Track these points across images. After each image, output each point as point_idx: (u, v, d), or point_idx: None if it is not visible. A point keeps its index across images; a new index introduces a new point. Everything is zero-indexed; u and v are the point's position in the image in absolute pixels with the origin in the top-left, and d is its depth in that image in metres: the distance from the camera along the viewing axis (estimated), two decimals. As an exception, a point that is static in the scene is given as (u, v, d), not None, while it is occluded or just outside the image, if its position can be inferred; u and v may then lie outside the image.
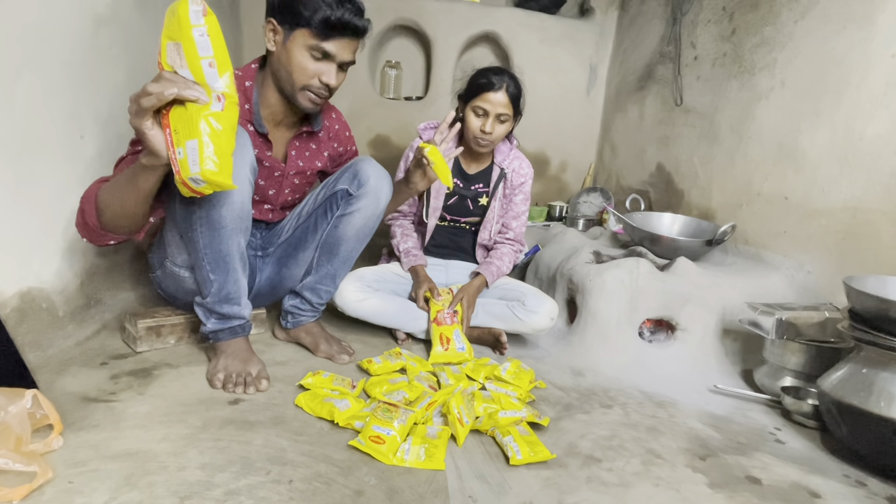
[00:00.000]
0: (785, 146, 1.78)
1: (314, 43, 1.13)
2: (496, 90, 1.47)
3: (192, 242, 1.11)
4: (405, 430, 0.99)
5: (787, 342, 1.40)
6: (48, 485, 0.77)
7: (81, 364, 1.18)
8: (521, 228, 1.71)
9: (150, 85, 0.84)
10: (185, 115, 0.85)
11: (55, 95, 1.20)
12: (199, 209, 1.07)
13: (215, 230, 1.09)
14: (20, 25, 1.09)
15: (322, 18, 1.10)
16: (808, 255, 1.69)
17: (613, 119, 2.96)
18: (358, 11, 1.15)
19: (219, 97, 0.86)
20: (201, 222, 1.08)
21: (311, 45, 1.13)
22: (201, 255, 1.11)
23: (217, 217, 1.08)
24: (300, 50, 1.14)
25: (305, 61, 1.14)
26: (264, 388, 1.15)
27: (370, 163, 1.31)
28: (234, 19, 2.50)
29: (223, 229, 1.10)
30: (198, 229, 1.08)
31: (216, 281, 1.14)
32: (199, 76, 0.85)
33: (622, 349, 1.59)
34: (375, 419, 0.99)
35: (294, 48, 1.14)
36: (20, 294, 1.13)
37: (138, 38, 1.52)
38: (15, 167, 1.10)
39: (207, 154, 0.84)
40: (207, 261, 1.12)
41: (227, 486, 0.82)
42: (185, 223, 1.09)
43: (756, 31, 1.93)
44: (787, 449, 1.18)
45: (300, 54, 1.14)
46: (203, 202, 1.06)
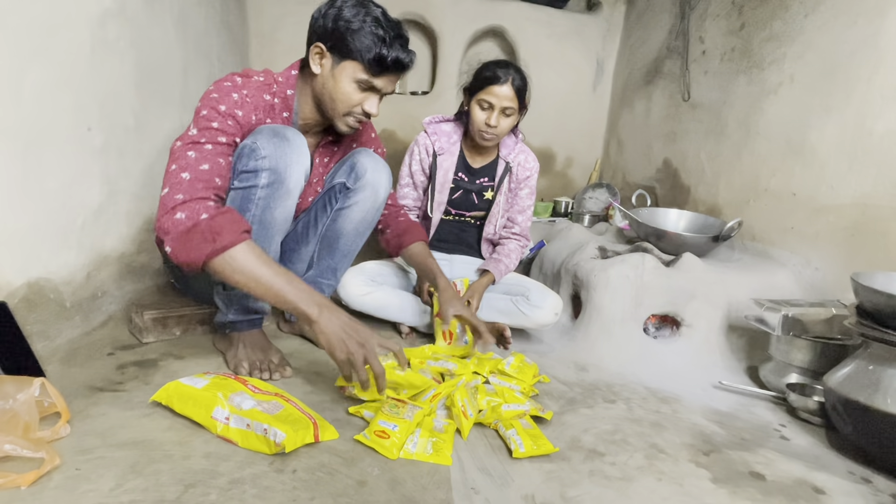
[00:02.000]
0: (793, 142, 1.77)
1: (364, 78, 1.12)
2: (502, 83, 1.47)
3: None
4: (411, 426, 0.98)
5: (793, 339, 1.39)
6: (56, 471, 0.78)
7: (88, 354, 1.20)
8: (527, 223, 1.71)
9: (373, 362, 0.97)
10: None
11: (62, 88, 1.21)
12: (255, 208, 1.09)
13: (265, 228, 1.12)
14: (28, 18, 1.09)
15: (375, 57, 1.09)
16: (815, 251, 1.68)
17: (620, 114, 2.94)
18: (406, 46, 1.14)
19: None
20: (254, 220, 1.10)
21: (360, 79, 1.12)
22: None
23: (270, 218, 1.11)
24: (348, 81, 1.13)
25: (352, 92, 1.14)
26: (289, 374, 1.19)
27: (367, 154, 1.31)
28: (240, 14, 2.50)
29: (272, 229, 1.13)
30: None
31: None
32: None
33: (626, 344, 1.59)
34: (382, 414, 0.99)
35: (342, 77, 1.13)
36: (28, 284, 1.14)
37: (145, 31, 1.53)
38: (23, 159, 1.10)
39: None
40: None
41: (232, 475, 0.82)
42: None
43: (765, 26, 1.91)
44: (792, 445, 1.17)
45: (347, 85, 1.13)
46: (259, 203, 1.09)
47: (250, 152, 1.07)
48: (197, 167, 1.01)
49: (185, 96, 1.79)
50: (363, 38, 1.09)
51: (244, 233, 0.97)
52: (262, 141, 1.07)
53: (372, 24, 1.09)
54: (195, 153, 1.03)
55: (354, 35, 1.09)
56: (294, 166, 1.09)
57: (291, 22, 2.63)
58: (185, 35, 1.79)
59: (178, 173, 1.00)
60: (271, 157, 1.07)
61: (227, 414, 0.91)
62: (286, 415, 0.92)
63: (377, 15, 1.11)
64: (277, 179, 1.09)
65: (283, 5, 2.63)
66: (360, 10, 1.10)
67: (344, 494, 0.82)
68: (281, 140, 1.08)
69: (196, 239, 0.94)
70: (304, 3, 2.66)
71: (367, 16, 1.10)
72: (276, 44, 2.63)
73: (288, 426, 0.88)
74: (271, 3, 2.62)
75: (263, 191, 1.09)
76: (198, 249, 0.94)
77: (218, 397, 0.93)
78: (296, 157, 1.09)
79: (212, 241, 0.94)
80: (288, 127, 1.12)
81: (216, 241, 0.94)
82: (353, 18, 1.09)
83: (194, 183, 0.99)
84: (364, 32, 1.09)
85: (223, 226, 0.95)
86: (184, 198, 0.97)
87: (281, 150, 1.07)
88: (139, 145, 1.53)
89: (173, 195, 0.98)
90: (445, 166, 1.61)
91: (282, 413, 0.92)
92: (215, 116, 1.06)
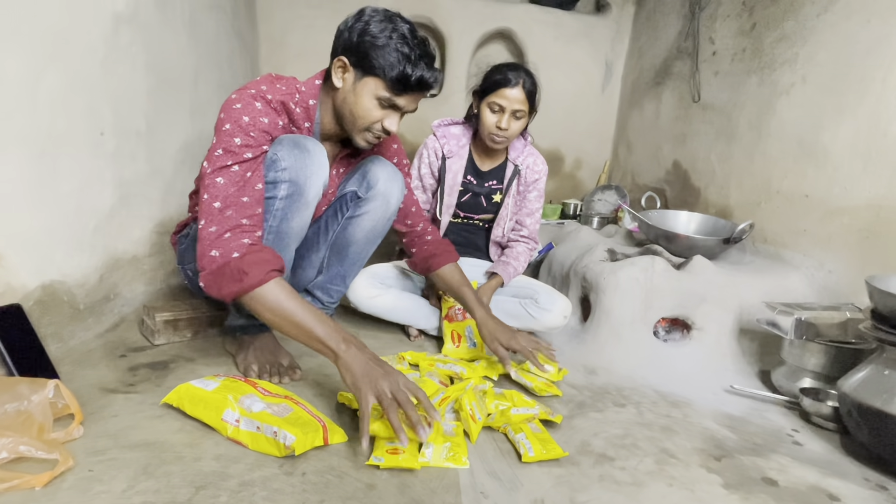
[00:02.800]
0: (806, 143, 1.75)
1: (386, 95, 1.09)
2: (512, 86, 1.46)
3: None
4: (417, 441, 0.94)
5: (806, 343, 1.38)
6: (69, 472, 0.79)
7: (101, 356, 1.21)
8: (536, 226, 1.70)
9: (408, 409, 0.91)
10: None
11: (76, 93, 1.22)
12: (272, 219, 1.09)
13: (281, 238, 1.12)
14: (43, 26, 1.11)
15: (399, 76, 1.06)
16: (829, 254, 1.65)
17: (629, 116, 2.93)
18: (431, 64, 1.11)
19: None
20: (270, 230, 1.10)
21: (382, 96, 1.09)
22: None
23: (286, 229, 1.12)
24: (369, 97, 1.09)
25: (372, 108, 1.11)
26: (298, 377, 1.19)
27: (380, 164, 1.29)
28: (250, 19, 2.53)
29: (288, 238, 1.13)
30: (266, 235, 1.10)
31: None
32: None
33: (636, 348, 1.58)
34: (389, 430, 0.94)
35: (364, 93, 1.09)
36: (42, 287, 1.16)
37: (157, 36, 1.55)
38: (38, 163, 1.12)
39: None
40: None
41: (242, 478, 0.83)
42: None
43: (777, 26, 1.89)
44: (806, 451, 1.15)
45: (369, 101, 1.10)
46: (277, 214, 1.09)
47: (271, 164, 1.06)
48: (225, 193, 1.00)
49: (196, 100, 1.81)
50: (388, 55, 1.05)
51: (272, 271, 0.98)
52: (283, 152, 1.06)
53: (398, 42, 1.05)
54: (223, 178, 1.01)
55: (379, 51, 1.05)
56: (313, 178, 1.09)
57: (301, 26, 2.65)
58: (196, 40, 1.81)
59: (210, 203, 1.00)
60: (291, 169, 1.06)
61: (237, 416, 0.91)
62: (296, 417, 0.93)
63: (404, 32, 1.07)
64: (297, 191, 1.08)
65: (292, 10, 2.65)
66: (388, 26, 1.06)
67: (353, 497, 0.82)
68: (301, 152, 1.07)
69: (226, 278, 0.97)
70: (314, 8, 2.69)
71: (393, 32, 1.06)
72: (285, 48, 2.66)
73: (297, 429, 0.88)
74: (281, 8, 2.65)
75: (282, 202, 1.09)
76: (227, 288, 0.97)
77: (228, 400, 0.93)
78: (315, 168, 1.09)
79: (239, 281, 0.96)
80: (309, 138, 1.11)
81: (243, 280, 0.96)
82: (379, 34, 1.05)
83: (224, 211, 0.99)
84: (389, 49, 1.05)
85: (252, 265, 0.97)
86: (217, 230, 0.98)
87: (301, 161, 1.07)
88: (150, 149, 1.55)
89: (208, 228, 0.99)
90: (454, 169, 1.61)
91: (291, 416, 0.93)
92: (238, 131, 1.03)
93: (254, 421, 0.90)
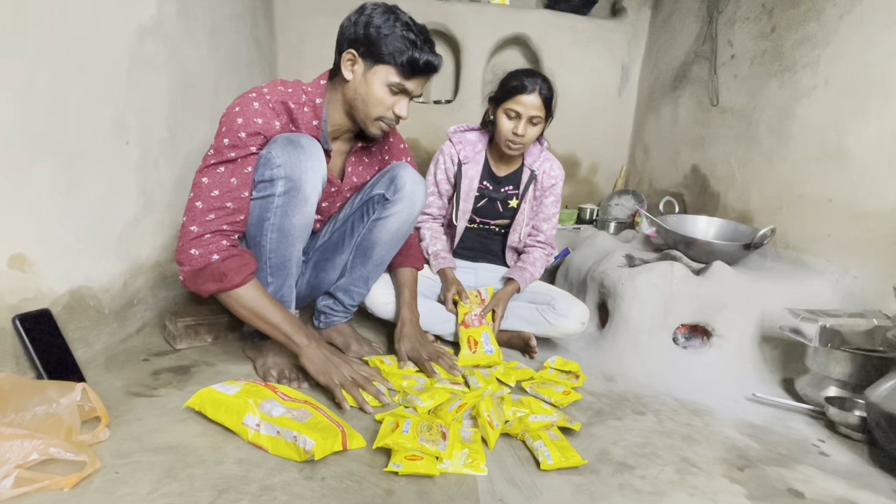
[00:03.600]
0: (828, 146, 1.71)
1: (397, 81, 1.14)
2: (529, 92, 1.46)
3: (259, 247, 1.14)
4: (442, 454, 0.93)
5: (831, 350, 1.35)
6: (96, 474, 0.81)
7: (125, 360, 1.23)
8: (552, 231, 1.70)
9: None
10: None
11: (103, 103, 1.26)
12: (273, 217, 1.12)
13: (285, 236, 1.14)
14: (73, 38, 1.15)
15: (408, 60, 1.12)
16: (854, 259, 1.62)
17: (646, 120, 2.90)
18: (434, 49, 1.17)
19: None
20: (273, 229, 1.13)
21: (393, 82, 1.14)
22: (265, 258, 1.15)
23: (288, 226, 1.13)
24: (380, 84, 1.15)
25: (384, 95, 1.16)
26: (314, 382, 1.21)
27: (407, 169, 1.33)
28: (269, 28, 2.57)
29: (292, 236, 1.15)
30: (268, 234, 1.13)
31: (273, 284, 1.18)
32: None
33: (655, 355, 1.56)
34: (414, 441, 0.94)
35: (375, 81, 1.15)
36: (70, 292, 1.18)
37: (180, 47, 1.58)
38: (67, 171, 1.15)
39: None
40: (270, 265, 1.16)
41: (263, 482, 0.84)
42: (256, 228, 1.13)
43: (798, 28, 1.87)
44: (832, 462, 1.13)
45: (380, 89, 1.15)
46: (277, 211, 1.11)
47: (266, 162, 1.09)
48: (208, 194, 1.07)
49: (216, 109, 1.84)
50: (395, 42, 1.11)
51: (250, 274, 1.09)
52: (277, 150, 1.09)
53: (403, 29, 1.12)
54: (208, 178, 1.08)
55: (386, 39, 1.11)
56: (309, 173, 1.10)
57: (317, 34, 2.69)
58: (217, 49, 1.85)
59: (193, 202, 1.07)
60: (286, 166, 1.08)
61: (257, 420, 0.92)
62: (315, 422, 0.93)
63: (406, 20, 1.14)
64: (293, 187, 1.10)
65: (309, 19, 2.69)
66: (390, 17, 1.12)
67: (372, 503, 0.82)
68: (295, 148, 1.09)
69: (206, 277, 1.06)
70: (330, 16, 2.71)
71: (396, 21, 1.12)
72: (302, 56, 2.69)
73: (317, 434, 0.89)
74: (298, 18, 2.69)
75: (280, 199, 1.10)
76: (206, 285, 1.07)
77: (249, 404, 0.94)
78: (311, 163, 1.10)
79: (219, 282, 1.06)
80: (303, 134, 1.14)
81: (223, 281, 1.06)
82: (383, 24, 1.11)
83: (206, 213, 1.07)
84: (395, 37, 1.11)
85: (231, 268, 1.06)
86: (197, 231, 1.06)
87: (295, 157, 1.09)
88: (173, 157, 1.58)
89: (189, 226, 1.07)
90: (470, 175, 1.62)
91: (311, 420, 0.94)
92: (228, 133, 1.08)
93: (274, 425, 0.91)
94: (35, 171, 1.07)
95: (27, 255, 1.06)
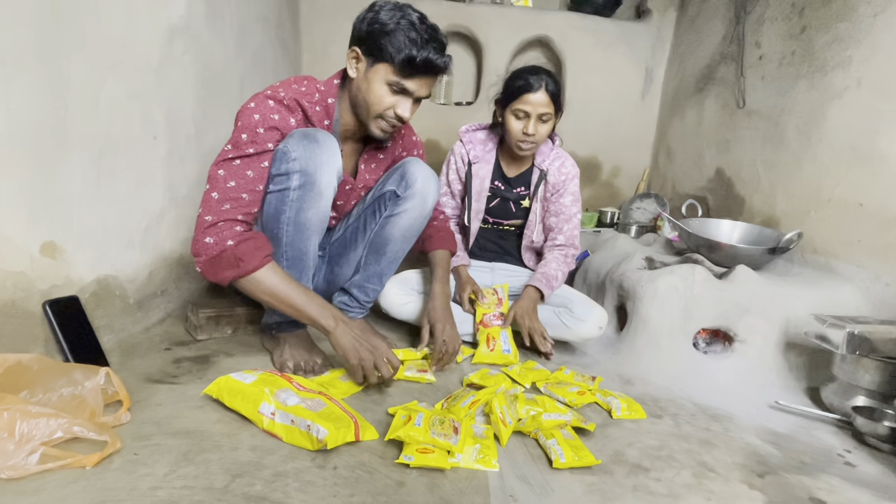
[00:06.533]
0: (860, 149, 1.66)
1: (395, 79, 1.13)
2: (535, 90, 1.44)
3: (276, 240, 1.16)
4: (454, 448, 0.93)
5: (859, 358, 1.30)
6: (116, 455, 0.83)
7: (148, 348, 1.27)
8: (574, 231, 1.64)
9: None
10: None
11: (133, 99, 1.30)
12: (289, 210, 1.13)
13: (301, 230, 1.15)
14: (106, 36, 1.19)
15: (406, 58, 1.10)
16: (886, 265, 1.56)
17: (670, 123, 2.86)
18: (440, 49, 1.14)
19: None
20: (289, 222, 1.14)
21: (391, 80, 1.13)
22: (282, 251, 1.17)
23: (304, 219, 1.14)
24: (380, 83, 1.14)
25: (383, 94, 1.15)
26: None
27: (418, 164, 1.33)
28: (294, 30, 2.62)
29: (308, 230, 1.16)
30: (284, 228, 1.14)
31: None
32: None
33: (674, 359, 1.53)
34: (426, 435, 0.94)
35: (374, 79, 1.14)
36: (97, 281, 1.22)
37: (208, 46, 1.63)
38: (97, 164, 1.20)
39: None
40: (287, 257, 1.18)
41: (276, 469, 0.85)
42: (273, 221, 1.15)
43: (829, 28, 1.82)
44: (859, 472, 1.09)
45: (379, 87, 1.14)
46: (293, 205, 1.13)
47: (282, 156, 1.10)
48: (224, 185, 1.08)
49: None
50: (395, 39, 1.10)
51: (266, 257, 1.08)
52: (293, 144, 1.10)
53: (406, 27, 1.10)
54: (224, 171, 1.08)
55: (387, 37, 1.10)
56: (324, 167, 1.11)
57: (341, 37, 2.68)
58: (243, 49, 1.89)
59: (209, 193, 1.08)
60: (301, 160, 1.09)
61: (272, 409, 0.94)
62: (329, 412, 0.94)
63: (412, 19, 1.11)
64: (309, 181, 1.11)
65: (333, 21, 2.73)
66: (397, 14, 1.11)
67: (383, 493, 0.82)
68: (311, 142, 1.10)
69: (223, 264, 1.06)
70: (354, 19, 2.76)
71: (402, 19, 1.11)
72: (326, 58, 2.74)
73: (330, 423, 0.90)
74: (323, 20, 2.73)
75: (296, 192, 1.12)
76: (224, 273, 1.06)
77: (265, 393, 0.96)
78: (326, 157, 1.11)
79: (236, 267, 1.05)
80: (319, 129, 1.15)
81: (240, 266, 1.05)
82: (388, 21, 1.10)
83: (221, 203, 1.07)
84: (397, 34, 1.10)
85: (246, 252, 1.05)
86: (212, 220, 1.06)
87: (311, 151, 1.10)
88: (198, 153, 1.62)
89: (204, 216, 1.07)
90: (481, 175, 1.61)
91: (324, 411, 0.95)
92: (245, 128, 1.09)
93: (288, 414, 0.92)
94: (67, 163, 1.11)
95: (58, 243, 1.10)
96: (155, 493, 0.76)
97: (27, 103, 1.00)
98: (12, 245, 1.01)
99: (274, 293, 1.08)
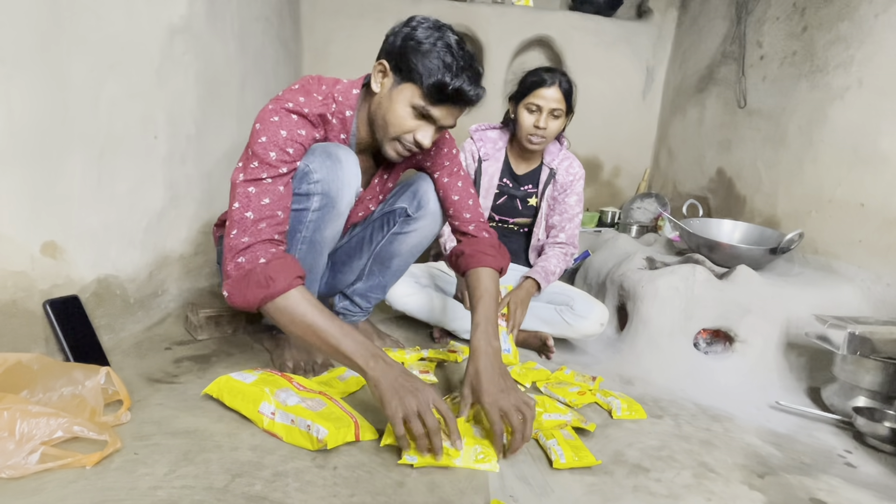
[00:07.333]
0: (862, 149, 1.66)
1: (421, 104, 1.03)
2: (549, 86, 1.48)
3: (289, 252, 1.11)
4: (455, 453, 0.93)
5: (860, 359, 1.30)
6: (117, 454, 0.83)
7: (148, 347, 1.27)
8: (575, 231, 1.67)
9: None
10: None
11: (133, 99, 1.30)
12: (306, 230, 1.10)
13: (314, 248, 1.14)
14: (107, 36, 1.19)
15: (436, 83, 1.00)
16: (887, 266, 1.56)
17: (671, 123, 2.86)
18: (475, 80, 1.04)
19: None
20: (303, 241, 1.12)
21: (417, 104, 1.03)
22: None
23: (319, 238, 1.12)
24: (404, 104, 1.04)
25: (406, 116, 1.05)
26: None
27: (431, 185, 1.28)
28: (295, 30, 2.62)
29: (321, 247, 1.15)
30: (297, 246, 1.11)
31: None
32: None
33: (675, 359, 1.53)
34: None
35: (399, 99, 1.04)
36: (98, 280, 1.23)
37: (208, 46, 1.63)
38: (98, 164, 1.20)
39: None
40: None
41: (276, 468, 0.85)
42: (287, 238, 1.07)
43: (830, 28, 1.81)
44: (860, 473, 1.09)
45: (403, 108, 1.04)
46: (310, 225, 1.09)
47: (303, 175, 1.05)
48: (258, 203, 0.99)
49: (242, 107, 1.88)
50: (428, 61, 1.00)
51: (297, 278, 0.96)
52: (315, 164, 1.04)
53: (442, 50, 1.00)
54: (255, 189, 0.99)
55: (420, 57, 1.00)
56: (345, 189, 1.08)
57: (342, 36, 2.73)
58: (243, 49, 1.89)
59: (241, 213, 0.98)
60: (324, 182, 1.05)
61: (272, 409, 0.94)
62: (329, 412, 0.94)
63: (450, 41, 1.02)
64: (329, 203, 1.08)
65: (334, 20, 2.73)
66: (434, 34, 1.02)
67: (382, 493, 0.82)
68: (334, 162, 1.06)
69: (252, 284, 0.95)
70: (355, 18, 2.76)
71: (439, 40, 1.01)
72: (328, 57, 2.74)
73: (330, 423, 0.90)
74: (324, 19, 2.73)
75: (315, 213, 1.08)
76: (251, 292, 0.95)
77: (265, 393, 0.96)
78: (347, 178, 1.08)
79: (266, 287, 0.94)
80: (340, 146, 1.09)
81: (270, 286, 0.94)
82: (424, 40, 1.01)
83: (258, 223, 0.98)
84: (431, 56, 1.00)
85: (278, 271, 0.95)
86: (249, 241, 0.97)
87: (333, 173, 1.06)
88: (199, 153, 1.62)
89: (240, 238, 0.97)
90: (490, 172, 1.62)
91: (324, 410, 0.95)
92: (273, 145, 1.00)
93: (288, 414, 0.92)
94: (68, 163, 1.12)
95: (58, 242, 1.10)
96: (155, 492, 0.76)
97: (27, 103, 1.00)
98: (13, 245, 1.01)
99: (303, 323, 0.94)
